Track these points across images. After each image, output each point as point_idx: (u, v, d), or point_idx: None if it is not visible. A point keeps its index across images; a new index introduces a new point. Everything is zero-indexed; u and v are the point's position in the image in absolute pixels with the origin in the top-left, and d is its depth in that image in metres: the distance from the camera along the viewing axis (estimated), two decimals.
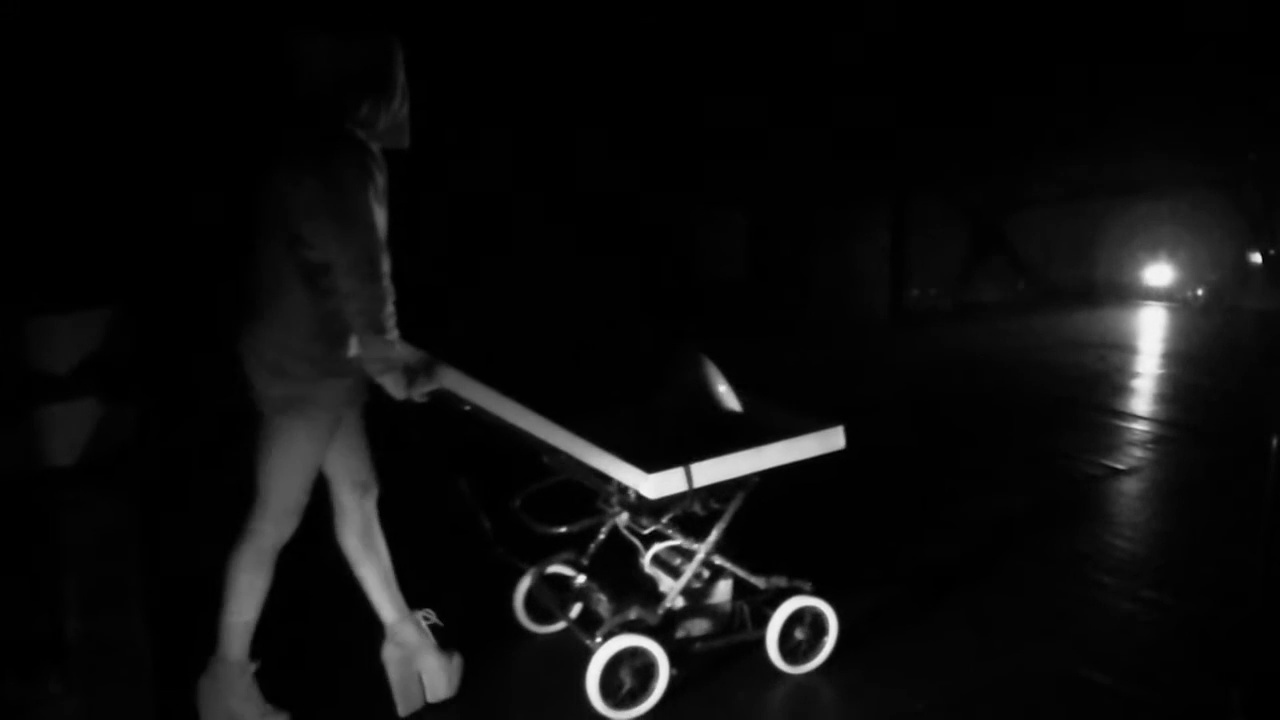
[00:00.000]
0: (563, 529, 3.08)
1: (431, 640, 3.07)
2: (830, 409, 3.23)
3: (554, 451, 3.02)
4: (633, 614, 3.05)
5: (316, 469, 2.83)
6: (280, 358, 2.68)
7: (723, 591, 3.25)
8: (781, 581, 3.24)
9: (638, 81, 7.60)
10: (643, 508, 3.01)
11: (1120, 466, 5.40)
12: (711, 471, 2.93)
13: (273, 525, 2.81)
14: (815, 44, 8.44)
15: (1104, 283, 10.41)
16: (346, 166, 2.60)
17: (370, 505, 3.01)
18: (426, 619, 3.08)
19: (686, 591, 3.17)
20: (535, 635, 3.48)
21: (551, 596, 3.37)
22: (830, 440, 3.11)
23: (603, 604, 3.20)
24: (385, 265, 2.63)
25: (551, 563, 3.42)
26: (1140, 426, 6.14)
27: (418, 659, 3.05)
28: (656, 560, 3.34)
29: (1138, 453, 5.64)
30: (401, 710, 3.03)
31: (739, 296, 8.50)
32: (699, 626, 3.21)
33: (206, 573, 3.87)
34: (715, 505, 3.11)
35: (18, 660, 2.35)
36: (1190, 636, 3.57)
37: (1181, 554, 4.31)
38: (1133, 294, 10.28)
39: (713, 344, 3.38)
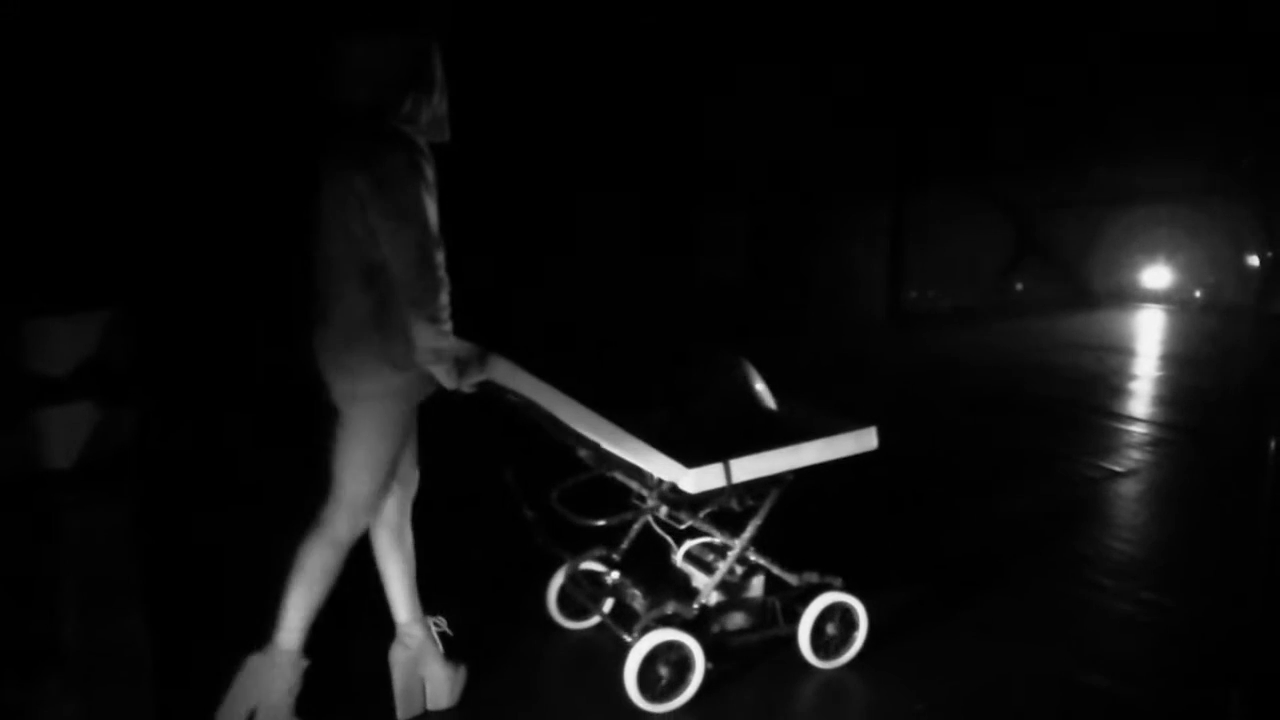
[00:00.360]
0: (601, 522, 3.08)
1: (439, 648, 3.07)
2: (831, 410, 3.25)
3: (592, 446, 3.06)
4: (669, 608, 3.10)
5: (390, 462, 2.84)
6: (347, 355, 2.74)
7: (756, 587, 3.30)
8: (813, 577, 3.30)
9: (636, 81, 7.60)
10: (682, 502, 3.06)
11: (1119, 469, 5.40)
12: (749, 468, 2.98)
13: (345, 518, 2.83)
14: (815, 49, 8.45)
15: (1102, 284, 10.42)
16: (396, 162, 2.65)
17: (407, 501, 3.03)
18: (437, 625, 3.09)
19: (721, 586, 3.22)
20: (568, 631, 3.52)
21: (585, 592, 3.41)
22: (864, 440, 3.17)
23: (637, 599, 3.25)
24: (439, 257, 2.69)
25: (584, 559, 3.45)
26: (1139, 429, 6.15)
27: (423, 664, 3.05)
28: (689, 556, 3.40)
29: (1136, 455, 5.65)
30: (401, 714, 3.03)
31: (738, 297, 8.50)
32: (733, 621, 3.26)
33: (206, 573, 3.87)
34: (750, 502, 3.16)
35: (17, 663, 2.34)
36: (1190, 638, 3.57)
37: (1181, 556, 4.32)
38: (1131, 296, 10.30)
39: (713, 344, 3.40)
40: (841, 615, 3.29)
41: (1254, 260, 9.52)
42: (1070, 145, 9.53)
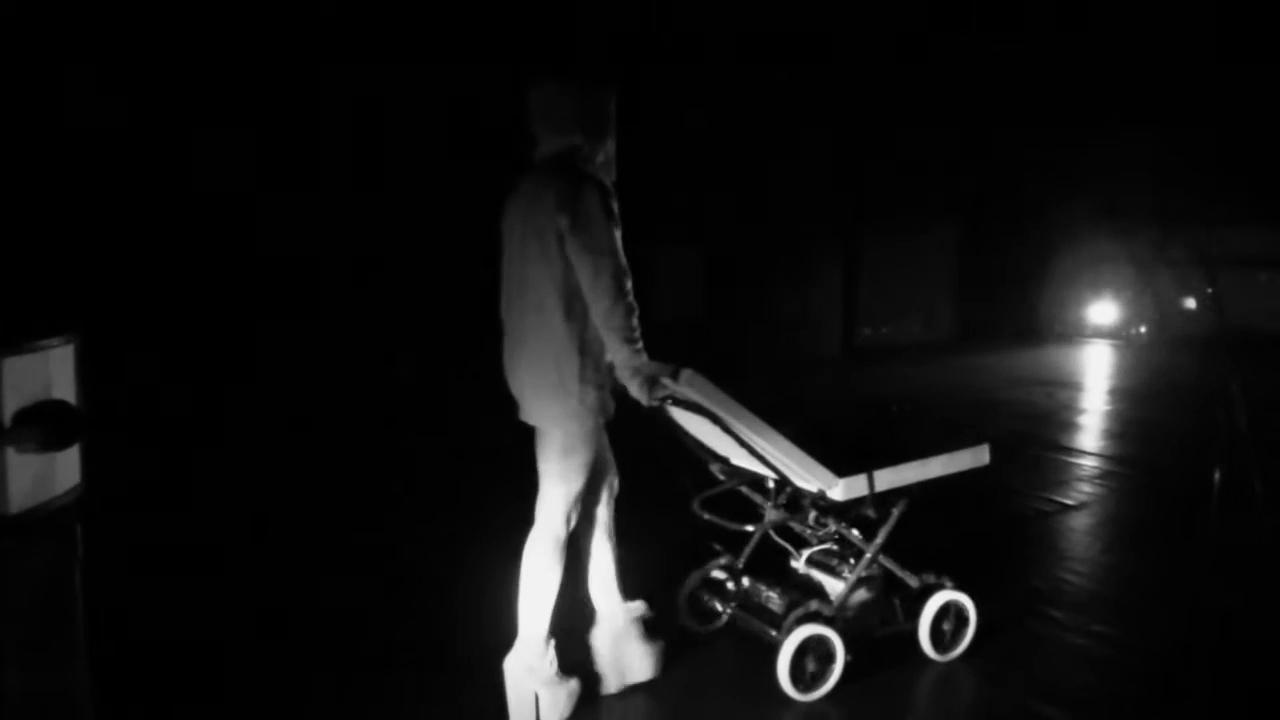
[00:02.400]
0: (749, 527, 3.49)
1: (640, 628, 3.36)
2: None
3: (727, 460, 3.40)
4: (813, 606, 3.39)
5: (587, 466, 3.14)
6: (557, 377, 3.02)
7: (880, 586, 3.58)
8: (930, 578, 3.62)
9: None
10: (830, 508, 3.38)
11: (1070, 502, 5.48)
12: (889, 478, 3.33)
13: (557, 517, 3.15)
14: (783, 86, 8.58)
15: (1049, 321, 10.61)
16: (593, 203, 2.94)
17: (611, 500, 3.33)
18: (635, 611, 3.35)
19: (854, 586, 3.49)
20: (696, 634, 3.75)
21: (716, 596, 3.72)
22: (980, 456, 3.53)
23: (773, 600, 3.52)
24: (628, 284, 2.98)
25: (711, 567, 3.76)
26: (1088, 462, 6.25)
27: (624, 641, 3.34)
28: (811, 561, 3.67)
29: (1086, 488, 5.74)
30: (611, 686, 3.32)
31: (692, 333, 8.53)
32: (863, 618, 3.53)
33: (151, 619, 3.78)
34: (880, 511, 3.46)
35: None
36: (1141, 670, 3.60)
37: (1132, 588, 4.38)
38: (1078, 331, 10.49)
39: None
40: (956, 612, 3.60)
41: (1190, 302, 9.74)
42: (1020, 186, 9.75)
